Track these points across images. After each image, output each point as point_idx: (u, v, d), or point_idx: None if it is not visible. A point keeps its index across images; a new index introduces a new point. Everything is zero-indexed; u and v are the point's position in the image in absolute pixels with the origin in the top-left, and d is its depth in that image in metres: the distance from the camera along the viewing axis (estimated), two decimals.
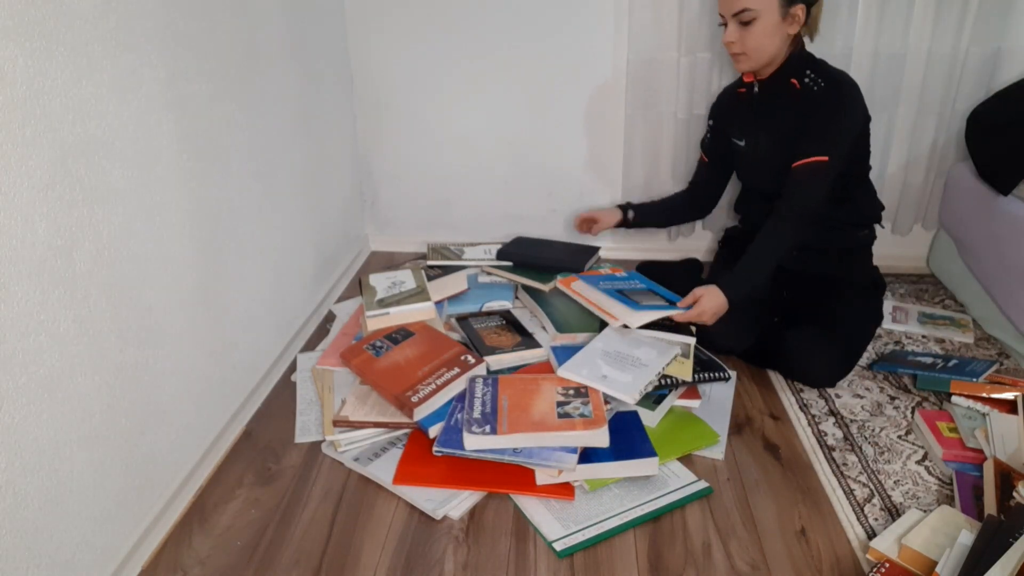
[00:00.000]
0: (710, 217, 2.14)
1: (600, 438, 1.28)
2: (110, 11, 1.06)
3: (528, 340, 1.65)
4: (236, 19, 1.42)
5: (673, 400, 1.48)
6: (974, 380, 1.48)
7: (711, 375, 1.50)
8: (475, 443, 1.28)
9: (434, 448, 1.30)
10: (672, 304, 1.58)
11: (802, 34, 1.59)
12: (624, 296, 1.61)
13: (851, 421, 1.48)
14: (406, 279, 1.80)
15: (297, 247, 1.78)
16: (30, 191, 0.92)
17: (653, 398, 1.45)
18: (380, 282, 1.79)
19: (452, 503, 1.26)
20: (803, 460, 1.39)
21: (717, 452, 1.39)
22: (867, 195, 1.72)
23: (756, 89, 1.68)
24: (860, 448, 1.41)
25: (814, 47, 1.67)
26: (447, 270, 1.99)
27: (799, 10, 1.52)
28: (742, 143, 1.75)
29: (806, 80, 1.58)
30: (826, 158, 1.53)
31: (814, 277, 1.72)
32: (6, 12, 0.87)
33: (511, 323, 1.73)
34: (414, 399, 1.37)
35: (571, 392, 1.39)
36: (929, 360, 1.62)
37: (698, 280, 2.06)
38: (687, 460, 1.37)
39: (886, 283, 1.80)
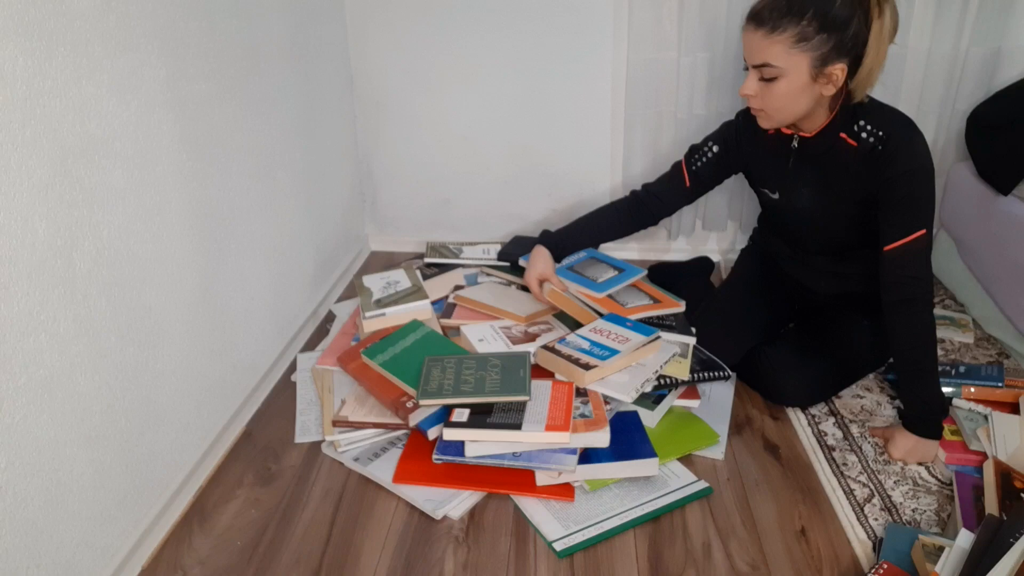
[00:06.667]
0: (712, 218, 2.15)
1: (601, 439, 1.28)
2: (110, 11, 1.06)
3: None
4: (236, 19, 1.42)
5: (673, 400, 1.48)
6: (998, 385, 1.48)
7: (711, 374, 1.49)
8: (477, 450, 1.28)
9: (434, 456, 1.30)
10: (620, 270, 1.68)
11: (849, 91, 1.33)
12: (579, 275, 1.66)
13: (851, 421, 1.48)
14: (400, 279, 1.80)
15: (297, 247, 1.78)
16: (30, 191, 0.92)
17: (652, 398, 1.45)
18: (374, 283, 1.78)
19: (452, 503, 1.26)
20: (803, 460, 1.39)
21: (717, 452, 1.39)
22: None
23: (795, 144, 1.43)
24: (860, 448, 1.41)
25: None
26: (443, 269, 2.00)
27: (837, 69, 1.27)
28: (775, 195, 1.52)
29: (862, 135, 1.34)
30: (923, 231, 1.31)
31: (835, 300, 1.59)
32: (6, 12, 0.87)
33: None
34: (409, 404, 1.37)
35: None
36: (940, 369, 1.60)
37: (707, 280, 2.05)
38: (687, 460, 1.37)
39: None
